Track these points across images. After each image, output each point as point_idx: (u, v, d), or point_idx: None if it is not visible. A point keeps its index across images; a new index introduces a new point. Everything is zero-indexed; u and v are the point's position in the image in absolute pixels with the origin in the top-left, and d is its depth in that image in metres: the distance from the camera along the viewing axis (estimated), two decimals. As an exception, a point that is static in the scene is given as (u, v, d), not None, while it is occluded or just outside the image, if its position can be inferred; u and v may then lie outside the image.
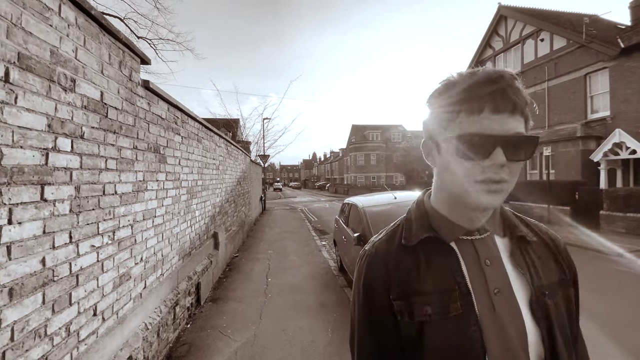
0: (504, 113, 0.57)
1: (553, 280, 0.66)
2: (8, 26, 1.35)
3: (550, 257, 0.70)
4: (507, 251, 0.67)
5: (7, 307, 1.37)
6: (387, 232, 0.75)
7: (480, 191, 0.58)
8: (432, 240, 0.67)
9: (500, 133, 0.56)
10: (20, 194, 1.42)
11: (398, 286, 0.66)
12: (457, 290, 0.62)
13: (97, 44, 1.97)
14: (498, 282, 0.62)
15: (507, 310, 0.60)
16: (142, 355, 2.55)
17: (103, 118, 2.04)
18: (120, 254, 2.30)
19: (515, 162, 0.58)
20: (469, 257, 0.65)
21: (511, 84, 0.57)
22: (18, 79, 1.40)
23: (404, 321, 0.64)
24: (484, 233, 0.67)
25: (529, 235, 0.69)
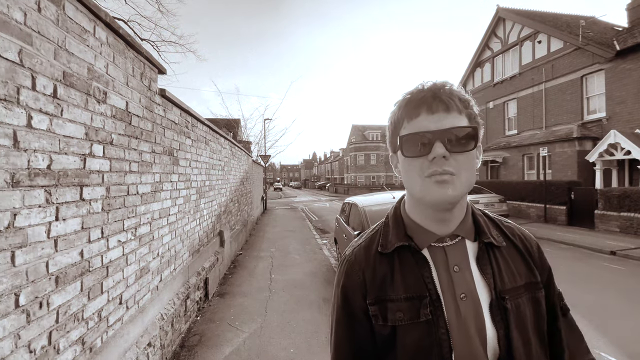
0: (438, 113, 0.64)
1: (519, 283, 0.68)
2: (55, 49, 1.56)
3: (519, 260, 0.71)
4: (475, 256, 0.69)
5: (54, 293, 1.58)
6: (366, 238, 0.79)
7: (429, 185, 0.63)
8: (406, 247, 0.71)
9: (436, 128, 0.63)
10: (65, 194, 1.63)
11: (373, 292, 0.70)
12: (427, 297, 0.66)
13: (123, 59, 2.19)
14: (464, 288, 0.66)
15: (471, 314, 0.64)
16: (159, 343, 2.77)
17: (128, 125, 2.26)
18: (140, 249, 2.51)
19: (460, 154, 0.63)
20: (439, 263, 0.68)
21: (441, 88, 0.65)
22: (63, 94, 1.61)
23: (378, 324, 0.68)
24: (455, 239, 0.70)
25: (497, 241, 0.71)
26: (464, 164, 0.63)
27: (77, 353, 1.75)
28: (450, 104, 0.64)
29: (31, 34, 1.41)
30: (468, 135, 0.64)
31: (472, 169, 0.65)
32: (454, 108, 0.64)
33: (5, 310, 1.31)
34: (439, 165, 0.62)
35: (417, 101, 0.66)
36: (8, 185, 1.31)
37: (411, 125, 0.66)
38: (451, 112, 0.64)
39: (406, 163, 0.68)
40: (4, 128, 1.28)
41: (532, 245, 0.75)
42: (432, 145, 0.62)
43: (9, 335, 1.33)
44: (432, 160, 0.62)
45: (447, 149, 0.62)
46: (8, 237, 1.31)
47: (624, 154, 9.86)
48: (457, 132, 0.63)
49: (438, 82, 0.67)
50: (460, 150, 0.63)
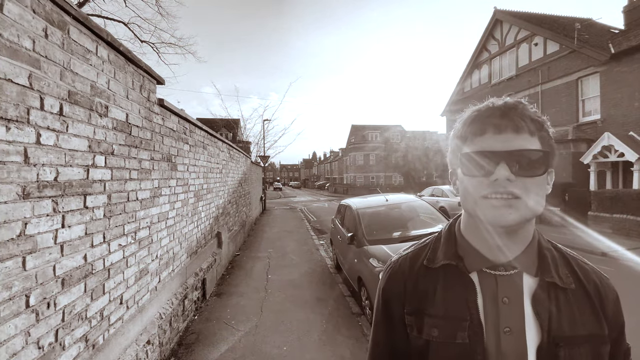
0: (506, 133, 0.60)
1: (580, 333, 0.63)
2: (61, 70, 1.70)
3: (587, 308, 0.65)
4: (532, 292, 0.64)
5: (60, 294, 1.72)
6: (415, 249, 0.78)
7: (486, 206, 0.60)
8: (454, 267, 0.68)
9: (502, 149, 0.59)
10: (70, 203, 1.77)
11: (412, 303, 0.70)
12: (467, 321, 0.63)
13: (123, 74, 2.33)
14: (511, 322, 0.62)
15: (513, 351, 0.61)
16: (158, 341, 2.91)
17: (128, 135, 2.40)
18: (140, 251, 2.65)
19: (528, 178, 0.59)
20: (488, 291, 0.65)
21: (513, 107, 0.61)
22: (68, 112, 1.75)
23: (413, 334, 0.69)
24: (511, 270, 0.65)
25: (564, 282, 0.65)
26: (531, 188, 0.59)
27: (81, 350, 1.89)
28: (521, 124, 0.60)
29: (39, 59, 1.55)
30: (539, 159, 0.60)
31: (541, 195, 0.61)
32: (525, 129, 0.60)
33: (17, 310, 1.45)
34: (500, 186, 0.59)
35: (484, 119, 0.62)
36: (20, 198, 1.45)
37: (475, 144, 0.62)
38: (521, 134, 0.60)
39: (466, 181, 0.64)
40: (16, 146, 1.42)
41: (607, 295, 0.67)
42: (495, 166, 0.59)
43: (20, 333, 1.47)
44: (495, 181, 0.59)
45: (512, 172, 0.58)
46: (20, 244, 1.45)
47: (617, 156, 9.99)
48: (526, 155, 0.59)
49: (509, 101, 0.63)
50: (527, 174, 0.59)
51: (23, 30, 1.46)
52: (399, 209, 5.11)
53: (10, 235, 1.41)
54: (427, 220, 4.86)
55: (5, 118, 1.37)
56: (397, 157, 30.51)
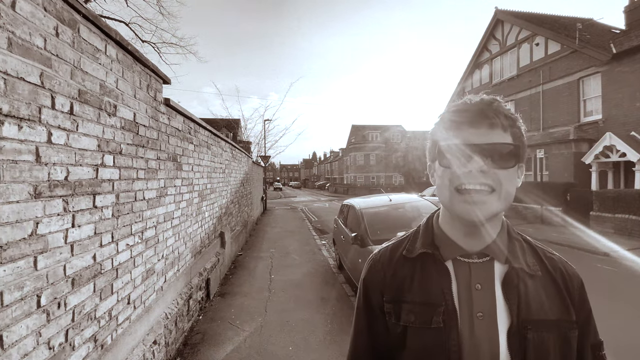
0: (482, 128, 0.64)
1: (549, 317, 0.66)
2: (72, 69, 1.69)
3: (554, 294, 0.69)
4: (502, 278, 0.68)
5: (70, 294, 1.71)
6: (396, 241, 0.82)
7: (459, 200, 0.64)
8: (431, 256, 0.72)
9: (477, 142, 0.63)
10: (80, 203, 1.77)
11: (391, 291, 0.73)
12: (442, 306, 0.67)
13: (131, 73, 2.32)
14: (483, 307, 0.66)
15: (485, 335, 0.64)
16: (164, 341, 2.90)
17: (135, 135, 2.39)
18: (147, 251, 2.64)
19: (500, 170, 0.63)
20: (462, 278, 0.69)
21: (488, 104, 0.65)
22: (78, 111, 1.74)
23: (392, 322, 0.72)
24: (483, 257, 0.69)
25: (531, 269, 0.69)
26: (504, 179, 0.63)
27: (90, 350, 1.88)
28: (495, 120, 0.63)
29: (50, 57, 1.54)
30: (510, 152, 0.64)
31: (512, 188, 0.65)
32: (498, 125, 0.64)
33: (28, 310, 1.44)
34: (474, 177, 0.62)
35: (461, 114, 0.66)
36: (31, 197, 1.44)
37: (452, 137, 0.66)
38: (495, 129, 0.64)
39: (441, 172, 0.68)
40: (27, 145, 1.41)
41: (573, 283, 0.71)
42: (470, 158, 0.63)
43: (32, 334, 1.46)
44: (468, 172, 0.62)
45: (485, 164, 0.62)
46: (31, 244, 1.45)
47: (619, 156, 10.00)
48: (499, 149, 0.63)
49: (485, 98, 0.66)
50: (499, 166, 0.63)
51: (35, 28, 1.45)
52: (403, 209, 5.10)
53: (22, 235, 1.40)
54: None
55: (18, 117, 1.36)
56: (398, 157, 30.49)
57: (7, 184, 1.32)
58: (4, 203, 1.30)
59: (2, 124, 1.29)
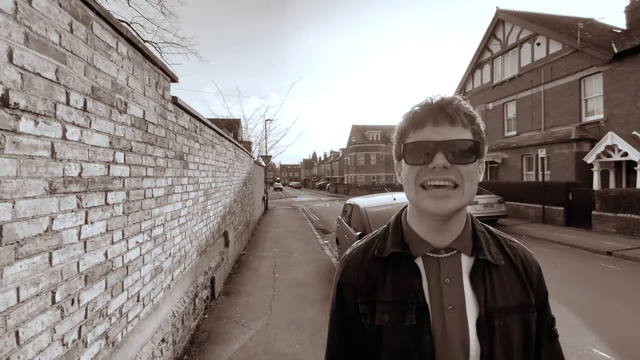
0: (443, 125, 0.66)
1: (511, 303, 0.69)
2: (85, 66, 1.69)
3: (516, 281, 0.72)
4: (469, 271, 0.70)
5: (83, 290, 1.71)
6: (366, 241, 0.83)
7: (426, 196, 0.66)
8: (401, 254, 0.73)
9: (439, 139, 0.65)
10: (92, 200, 1.77)
11: (364, 292, 0.74)
12: (414, 304, 0.68)
13: (141, 71, 2.32)
14: (453, 300, 0.68)
15: (456, 326, 0.66)
16: (172, 339, 2.90)
17: (145, 133, 2.39)
18: (155, 249, 2.64)
19: (463, 165, 0.65)
20: (431, 274, 0.71)
21: (449, 102, 0.67)
22: (91, 107, 1.74)
23: (367, 322, 0.72)
24: (450, 252, 0.72)
25: (495, 259, 0.72)
26: (465, 175, 0.65)
27: (102, 347, 1.88)
28: (455, 117, 0.66)
29: (65, 53, 1.54)
30: (470, 148, 0.66)
31: (474, 181, 0.67)
32: (459, 122, 0.66)
33: (43, 307, 1.44)
34: (438, 174, 0.64)
35: (424, 113, 0.68)
36: (47, 193, 1.44)
37: (416, 135, 0.68)
38: (455, 126, 0.66)
39: (407, 170, 0.70)
40: (43, 141, 1.41)
41: (532, 268, 0.75)
42: (434, 155, 0.65)
43: (47, 330, 1.46)
44: (433, 169, 0.65)
45: (448, 160, 0.64)
46: (47, 240, 1.45)
47: (621, 156, 10.01)
48: (460, 145, 0.65)
49: (446, 97, 0.69)
50: (461, 162, 0.65)
51: (50, 23, 1.45)
52: (407, 208, 5.10)
53: (38, 231, 1.40)
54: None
55: (34, 112, 1.36)
56: (398, 157, 30.43)
57: (24, 179, 1.31)
58: (21, 198, 1.30)
59: (19, 119, 1.29)
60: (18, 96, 1.28)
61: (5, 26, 1.22)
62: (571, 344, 3.32)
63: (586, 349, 3.24)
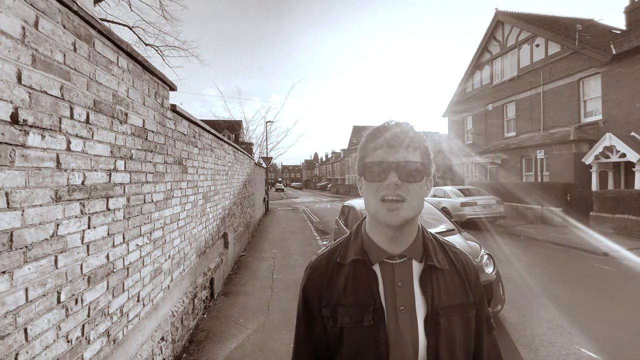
0: (397, 148, 0.75)
1: (454, 302, 0.78)
2: (87, 81, 1.81)
3: (458, 282, 0.82)
4: (419, 275, 0.80)
5: (86, 291, 1.83)
6: (330, 249, 0.91)
7: (383, 209, 0.74)
8: (360, 261, 0.81)
9: (393, 160, 0.75)
10: (95, 206, 1.88)
11: (328, 297, 0.81)
12: (372, 306, 0.76)
13: (140, 82, 2.44)
14: (404, 301, 0.77)
15: (407, 324, 0.75)
16: (171, 338, 3.02)
17: (144, 141, 2.51)
18: (155, 251, 2.76)
19: (410, 183, 0.74)
20: (387, 278, 0.79)
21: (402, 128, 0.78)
22: (93, 120, 1.86)
23: (329, 324, 0.79)
24: (403, 258, 0.81)
25: (440, 264, 0.81)
26: (413, 192, 0.74)
27: (104, 344, 2.00)
28: (406, 141, 0.76)
29: (69, 71, 1.66)
30: (417, 169, 0.75)
31: (421, 197, 0.77)
32: (409, 145, 0.76)
33: (50, 306, 1.56)
34: (392, 190, 0.73)
35: (381, 135, 0.78)
36: (53, 201, 1.56)
37: (374, 156, 0.77)
38: (408, 149, 0.76)
39: (366, 186, 0.79)
40: (49, 153, 1.53)
41: (471, 272, 0.86)
42: (388, 174, 0.74)
43: (52, 327, 1.58)
44: (387, 185, 0.74)
45: (399, 178, 0.73)
46: (52, 244, 1.56)
47: (619, 157, 10.04)
48: (409, 166, 0.75)
49: (401, 122, 0.80)
50: (410, 180, 0.74)
51: (55, 44, 1.57)
52: (402, 210, 5.18)
53: (44, 236, 1.51)
54: (429, 221, 4.94)
55: (41, 127, 1.48)
56: (399, 158, 30.46)
57: (31, 189, 1.43)
58: (29, 206, 1.42)
59: (28, 134, 1.41)
60: (26, 113, 1.40)
61: (14, 50, 1.34)
62: (559, 343, 3.41)
63: (574, 349, 3.32)
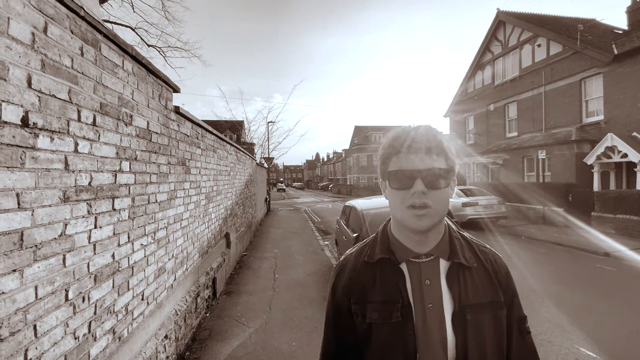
0: (419, 154, 0.76)
1: (482, 300, 0.79)
2: (94, 84, 1.85)
3: (487, 281, 0.81)
4: (446, 273, 0.81)
5: (93, 289, 1.87)
6: (358, 248, 0.93)
7: (410, 216, 0.76)
8: (388, 260, 0.84)
9: (418, 168, 0.75)
10: (101, 206, 1.93)
11: (356, 294, 0.84)
12: (400, 302, 0.78)
13: (144, 84, 2.48)
14: (432, 299, 0.78)
15: (435, 321, 0.77)
16: (174, 336, 3.07)
17: (149, 142, 2.55)
18: (159, 251, 2.81)
19: (435, 190, 0.75)
20: (414, 276, 0.81)
21: (426, 134, 0.77)
22: (100, 122, 1.90)
23: (358, 320, 0.82)
24: (430, 257, 0.82)
25: (468, 262, 0.81)
26: (440, 198, 0.76)
27: (110, 341, 2.04)
28: (431, 147, 0.76)
29: (77, 75, 1.70)
30: (443, 175, 0.76)
31: (446, 203, 0.78)
32: (433, 151, 0.76)
33: (58, 303, 1.60)
34: (418, 198, 0.74)
35: (404, 141, 0.78)
36: (61, 201, 1.60)
37: (398, 162, 0.78)
38: (430, 154, 0.76)
39: (392, 193, 0.80)
40: (58, 155, 1.58)
41: (500, 270, 0.85)
42: (413, 181, 0.75)
43: (60, 324, 1.62)
44: (413, 194, 0.75)
45: (425, 186, 0.74)
46: (61, 243, 1.61)
47: (621, 157, 10.03)
48: (435, 173, 0.75)
49: (423, 126, 0.80)
50: (436, 187, 0.75)
51: (63, 49, 1.61)
52: (403, 210, 5.22)
53: (53, 235, 1.56)
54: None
55: (50, 130, 1.52)
56: (401, 158, 30.47)
57: (41, 189, 1.48)
58: (39, 207, 1.47)
59: (37, 137, 1.46)
60: (36, 117, 1.44)
61: (24, 55, 1.38)
62: (559, 342, 3.43)
63: (574, 348, 3.35)
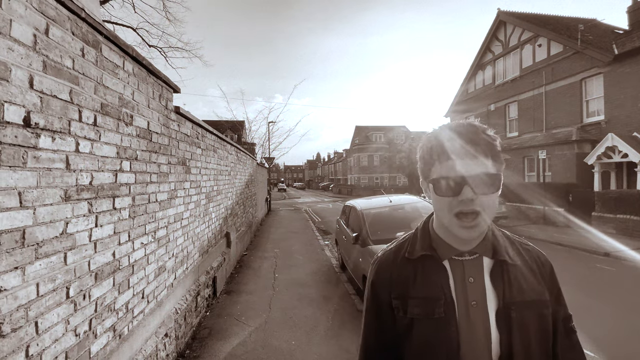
0: (466, 158, 0.72)
1: (527, 299, 0.77)
2: (95, 85, 1.88)
3: (531, 279, 0.80)
4: (489, 270, 0.80)
5: (93, 287, 1.90)
6: (397, 244, 0.93)
7: (458, 226, 0.74)
8: (429, 257, 0.83)
9: (466, 174, 0.71)
10: (102, 205, 1.96)
11: (397, 289, 0.84)
12: (442, 299, 0.78)
13: (145, 85, 2.51)
14: (476, 296, 0.78)
15: (479, 319, 0.76)
16: (174, 334, 3.09)
17: (149, 142, 2.58)
18: (159, 250, 2.83)
19: (485, 195, 0.72)
20: (457, 274, 0.80)
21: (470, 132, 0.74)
22: (101, 122, 1.93)
23: (399, 315, 0.82)
24: (473, 255, 0.81)
25: (512, 259, 0.80)
26: (487, 203, 0.73)
27: (110, 339, 2.07)
28: (477, 149, 0.72)
29: (78, 76, 1.73)
30: (492, 180, 0.73)
31: (494, 207, 0.75)
32: (481, 153, 0.72)
33: (59, 301, 1.63)
34: (466, 205, 0.72)
35: (447, 144, 0.75)
36: (62, 200, 1.63)
37: (442, 167, 0.75)
38: (478, 158, 0.72)
39: (437, 199, 0.77)
40: (59, 154, 1.60)
41: (545, 268, 0.84)
42: (461, 188, 0.72)
43: (62, 321, 1.65)
44: (461, 201, 0.72)
45: (474, 192, 0.71)
46: (62, 241, 1.63)
47: (621, 157, 10.01)
48: (484, 178, 0.71)
49: (468, 125, 0.76)
50: (484, 193, 0.72)
51: (65, 51, 1.64)
52: (403, 210, 5.25)
53: (54, 234, 1.58)
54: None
55: (52, 130, 1.55)
56: (401, 158, 30.55)
57: (43, 188, 1.50)
58: (41, 205, 1.49)
59: (39, 137, 1.48)
60: (38, 117, 1.47)
61: (26, 57, 1.41)
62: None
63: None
